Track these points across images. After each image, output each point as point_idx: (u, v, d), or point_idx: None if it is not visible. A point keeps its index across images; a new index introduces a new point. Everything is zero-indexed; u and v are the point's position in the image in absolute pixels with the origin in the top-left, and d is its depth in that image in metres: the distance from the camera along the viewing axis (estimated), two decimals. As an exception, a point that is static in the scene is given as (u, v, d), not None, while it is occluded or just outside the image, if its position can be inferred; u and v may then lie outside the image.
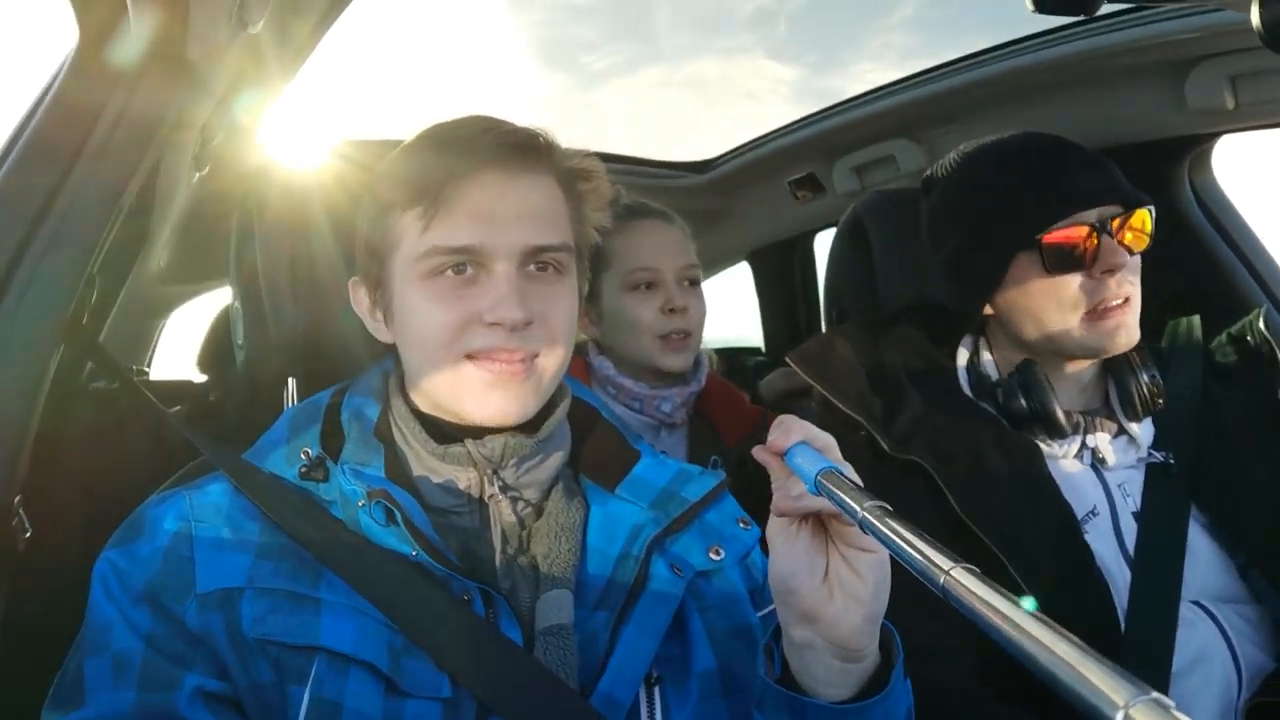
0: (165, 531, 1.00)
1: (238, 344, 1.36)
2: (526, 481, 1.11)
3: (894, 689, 0.88)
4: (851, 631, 0.83)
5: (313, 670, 0.93)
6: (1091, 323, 1.41)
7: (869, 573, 0.82)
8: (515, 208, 1.05)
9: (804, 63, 58.75)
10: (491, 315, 1.02)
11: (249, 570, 0.98)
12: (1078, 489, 1.45)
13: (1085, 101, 1.90)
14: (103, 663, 0.92)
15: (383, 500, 1.00)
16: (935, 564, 0.59)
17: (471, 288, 1.04)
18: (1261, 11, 0.76)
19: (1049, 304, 1.42)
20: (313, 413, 1.14)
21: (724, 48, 50.18)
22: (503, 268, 1.04)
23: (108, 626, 0.94)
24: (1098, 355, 1.46)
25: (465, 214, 1.03)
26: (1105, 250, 1.39)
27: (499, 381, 1.04)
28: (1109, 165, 1.45)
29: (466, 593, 1.00)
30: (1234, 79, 1.68)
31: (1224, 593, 1.42)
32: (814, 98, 12.72)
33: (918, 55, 21.42)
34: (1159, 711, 0.41)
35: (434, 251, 1.03)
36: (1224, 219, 1.94)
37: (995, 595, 0.54)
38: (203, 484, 1.08)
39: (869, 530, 0.66)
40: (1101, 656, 0.46)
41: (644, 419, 1.95)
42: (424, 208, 1.03)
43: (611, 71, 56.82)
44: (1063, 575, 1.35)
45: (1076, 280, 1.40)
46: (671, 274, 1.93)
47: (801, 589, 0.82)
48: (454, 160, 1.05)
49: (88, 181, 1.04)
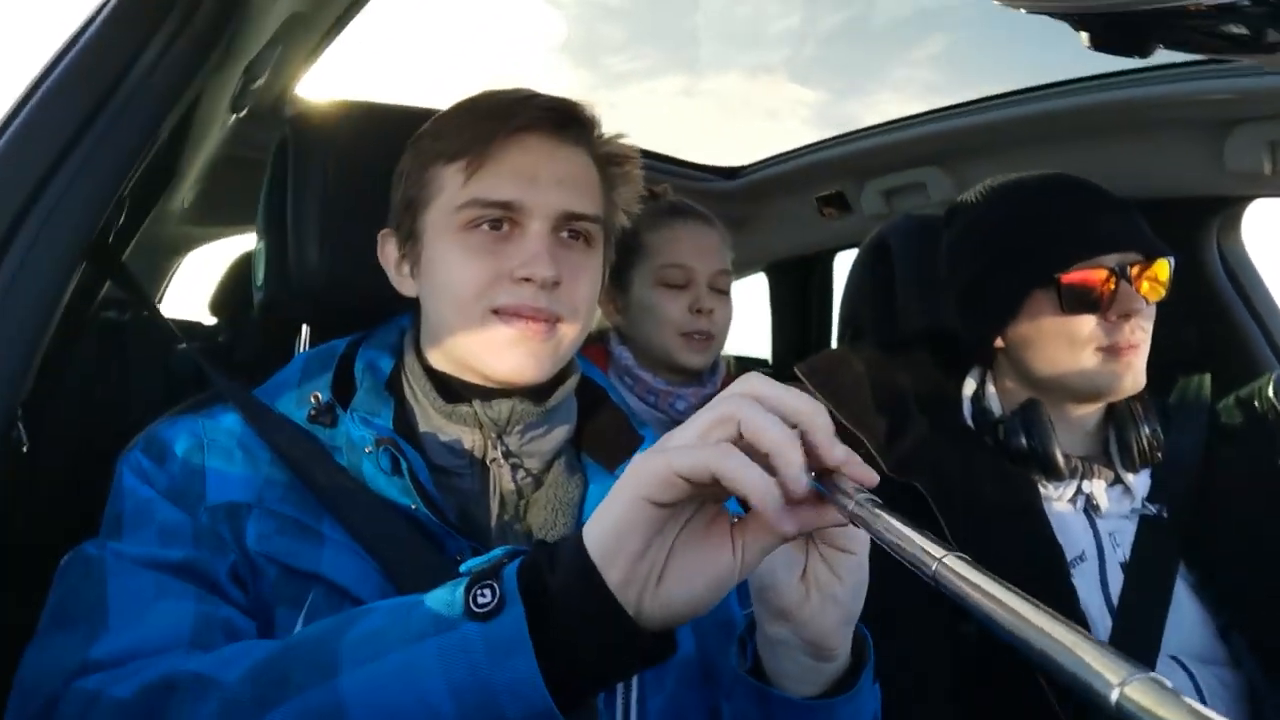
0: (179, 445, 1.02)
1: (256, 285, 1.36)
2: (530, 450, 1.12)
3: (862, 690, 0.88)
4: (826, 631, 0.82)
5: (308, 599, 0.94)
6: (1101, 363, 1.42)
7: (847, 574, 0.80)
8: (556, 172, 1.08)
9: (827, 87, 57.62)
10: (523, 270, 1.04)
11: (259, 489, 1.00)
12: (1068, 533, 1.45)
13: (1121, 151, 1.89)
14: (146, 534, 0.95)
15: (390, 449, 1.02)
16: (927, 551, 0.58)
17: (505, 244, 1.07)
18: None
19: (1060, 342, 1.43)
20: (327, 359, 1.15)
21: (749, 64, 49.56)
22: (538, 227, 1.06)
23: (149, 503, 0.97)
24: (1102, 397, 1.46)
25: (508, 171, 1.06)
26: (1122, 295, 1.39)
27: (521, 338, 1.06)
28: (1134, 212, 1.46)
29: (460, 553, 1.01)
30: (1274, 144, 1.68)
31: (1204, 653, 1.42)
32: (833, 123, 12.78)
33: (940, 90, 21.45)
34: (1154, 688, 0.41)
35: (474, 203, 1.06)
36: (1246, 283, 1.94)
37: (988, 580, 0.53)
38: (214, 411, 1.09)
39: (860, 523, 0.65)
40: (1097, 639, 0.46)
41: (657, 414, 1.96)
42: (467, 161, 1.06)
43: (634, 75, 55.42)
44: (1045, 614, 1.35)
45: (1090, 321, 1.41)
46: (704, 276, 1.95)
47: (778, 585, 0.81)
48: (501, 119, 1.07)
49: (125, 110, 1.05)
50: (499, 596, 0.69)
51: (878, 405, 1.55)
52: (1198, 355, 1.52)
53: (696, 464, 0.66)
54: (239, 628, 0.93)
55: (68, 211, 1.01)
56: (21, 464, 1.26)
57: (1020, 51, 2.60)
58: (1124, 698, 0.42)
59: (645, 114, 7.06)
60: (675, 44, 6.53)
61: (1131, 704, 0.41)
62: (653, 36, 4.98)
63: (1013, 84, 2.05)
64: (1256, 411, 1.59)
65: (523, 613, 0.68)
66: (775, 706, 0.87)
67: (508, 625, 0.68)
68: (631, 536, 0.68)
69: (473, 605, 0.70)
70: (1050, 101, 1.94)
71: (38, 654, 0.89)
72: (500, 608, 0.69)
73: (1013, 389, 1.54)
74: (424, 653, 0.70)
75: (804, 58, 6.28)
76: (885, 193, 2.49)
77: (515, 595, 0.69)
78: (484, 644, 0.68)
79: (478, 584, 0.71)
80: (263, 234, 1.35)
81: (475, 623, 0.69)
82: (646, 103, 6.87)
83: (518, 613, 0.68)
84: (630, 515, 0.68)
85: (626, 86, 8.98)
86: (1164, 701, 0.41)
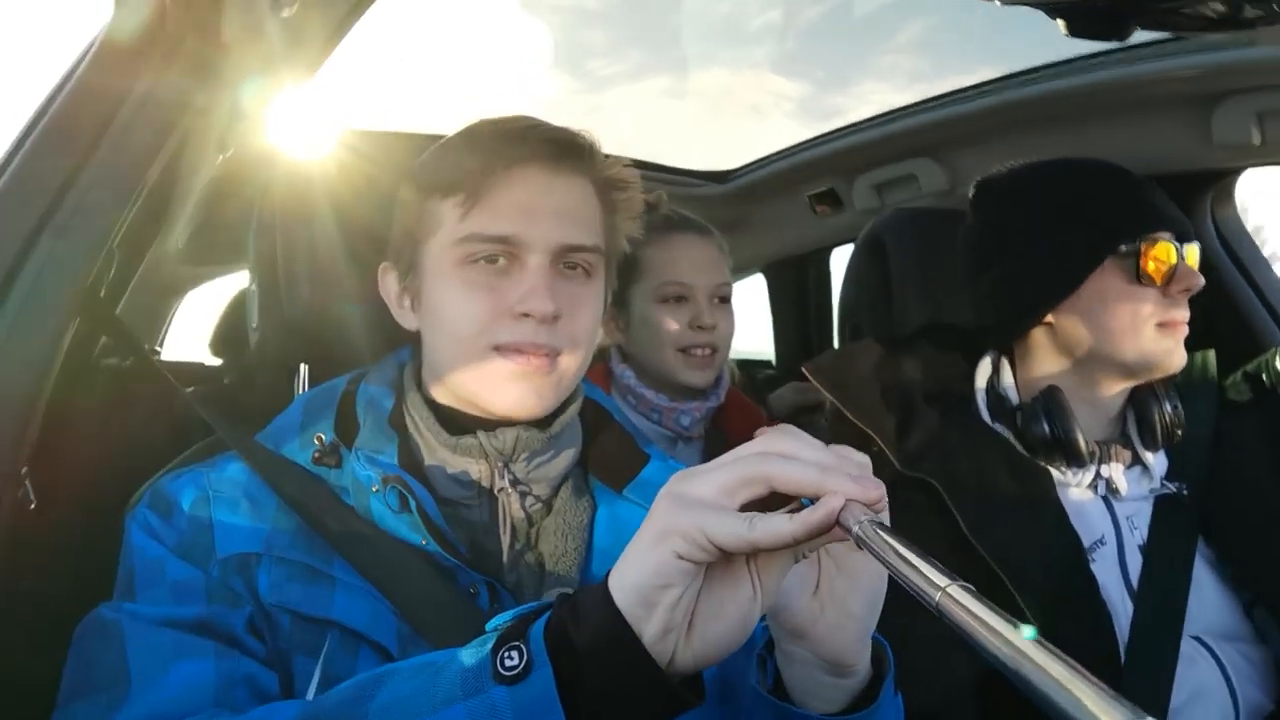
0: (185, 499, 1.02)
1: (252, 326, 1.36)
2: (537, 477, 1.11)
3: (884, 703, 0.86)
4: (842, 647, 0.81)
5: (325, 645, 0.94)
6: (1158, 338, 1.42)
7: (860, 589, 0.80)
8: (554, 205, 1.07)
9: (810, 79, 57.56)
10: (521, 306, 1.04)
11: (266, 538, 1.00)
12: (1086, 518, 1.44)
13: (1110, 130, 1.89)
14: (159, 594, 0.95)
15: (397, 486, 1.01)
16: (931, 580, 0.57)
17: (504, 279, 1.06)
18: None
19: (1124, 314, 1.42)
20: (328, 399, 1.15)
21: (731, 60, 49.89)
22: (536, 261, 1.05)
23: (159, 562, 0.97)
24: (1154, 372, 1.45)
25: (506, 205, 1.05)
26: (1184, 270, 1.40)
27: (523, 374, 1.05)
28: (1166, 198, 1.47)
29: (473, 586, 1.01)
30: (1261, 115, 1.67)
31: (1228, 630, 1.41)
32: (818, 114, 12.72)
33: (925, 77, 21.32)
34: None
35: (472, 238, 1.05)
36: (1244, 255, 1.94)
37: (991, 614, 0.53)
38: (219, 462, 1.09)
39: (865, 545, 0.64)
40: (1097, 680, 0.45)
41: (661, 431, 1.95)
42: (465, 195, 1.05)
43: (618, 78, 55.76)
44: (1065, 604, 1.34)
45: (1154, 294, 1.41)
46: (704, 291, 1.94)
47: (791, 605, 0.80)
48: (498, 152, 1.06)
49: (112, 159, 1.05)
50: (526, 659, 0.69)
51: (886, 401, 1.54)
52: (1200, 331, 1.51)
53: (737, 539, 0.66)
54: (261, 681, 0.92)
55: (59, 267, 1.01)
56: (30, 523, 1.26)
57: (1003, 33, 2.59)
58: None
59: (631, 116, 7.10)
60: (657, 44, 6.55)
61: None
62: (635, 38, 5.00)
63: (997, 67, 2.05)
64: (1264, 385, 1.58)
65: (551, 675, 0.67)
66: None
67: (537, 688, 0.67)
68: (667, 590, 0.67)
69: (500, 669, 0.69)
70: (1036, 86, 1.93)
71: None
72: (528, 670, 0.68)
73: (1038, 374, 1.53)
74: (453, 718, 0.69)
75: (786, 51, 6.26)
76: (876, 187, 2.48)
77: (544, 657, 0.68)
78: (513, 708, 0.68)
79: (504, 645, 0.70)
80: (254, 274, 1.35)
81: (503, 686, 0.68)
82: (632, 105, 6.86)
83: (546, 675, 0.67)
84: (664, 569, 0.67)
85: (611, 89, 8.97)
86: None
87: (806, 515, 0.65)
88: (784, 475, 0.67)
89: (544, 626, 0.71)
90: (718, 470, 0.69)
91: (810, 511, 0.66)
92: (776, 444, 0.70)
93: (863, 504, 0.66)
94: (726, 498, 0.68)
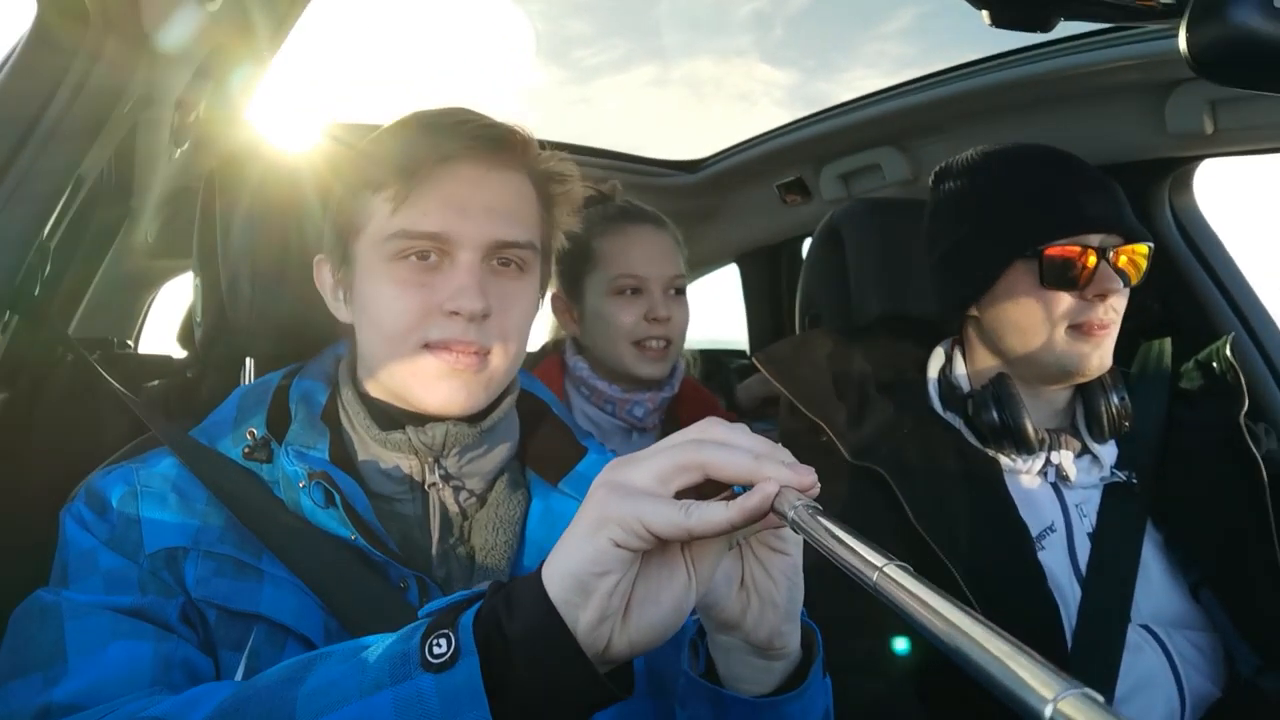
0: (114, 495, 1.02)
1: (196, 321, 1.36)
2: (470, 471, 1.11)
3: (812, 683, 0.88)
4: (771, 633, 0.82)
5: (250, 639, 0.94)
6: (1071, 341, 1.41)
7: (782, 576, 0.81)
8: (486, 200, 1.06)
9: (799, 67, 57.84)
10: (451, 304, 1.03)
11: (195, 533, 1.00)
12: (1036, 505, 1.45)
13: (1068, 118, 1.89)
14: (92, 583, 0.95)
15: (322, 481, 1.01)
16: (868, 561, 0.57)
17: (434, 275, 1.05)
18: (1189, 37, 0.76)
19: (1035, 316, 1.42)
20: (261, 394, 1.15)
21: (719, 49, 49.96)
22: (466, 258, 1.05)
23: (92, 552, 0.97)
24: (1069, 376, 1.45)
25: (436, 201, 1.04)
26: (1101, 274, 1.38)
27: (452, 371, 1.05)
28: (1117, 192, 1.45)
29: (403, 580, 1.01)
30: (1214, 104, 1.67)
31: (1175, 617, 1.42)
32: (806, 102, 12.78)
33: (913, 64, 21.37)
34: (1089, 705, 0.41)
35: (401, 235, 1.04)
36: (1202, 243, 1.94)
37: (928, 591, 0.53)
38: (150, 457, 1.09)
39: (800, 530, 0.65)
40: (1036, 654, 0.45)
41: (616, 422, 1.95)
42: (395, 190, 1.04)
43: (605, 68, 55.81)
44: (1012, 592, 1.35)
45: (1066, 298, 1.40)
46: (658, 283, 1.93)
47: (719, 600, 0.81)
48: (429, 147, 1.05)
49: (42, 153, 1.05)
50: (454, 647, 0.69)
51: (838, 391, 1.54)
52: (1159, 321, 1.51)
53: (674, 527, 0.66)
54: (198, 666, 0.92)
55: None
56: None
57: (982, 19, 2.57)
58: (1057, 712, 0.42)
59: (618, 106, 7.05)
60: (644, 34, 6.51)
61: (1064, 719, 0.41)
62: (621, 28, 4.97)
63: (987, 52, 2.04)
64: (1215, 372, 1.58)
65: (478, 665, 0.67)
66: (729, 707, 0.87)
67: (462, 677, 0.67)
68: (604, 579, 0.68)
69: (428, 656, 0.69)
70: (995, 74, 1.93)
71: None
72: (455, 659, 0.68)
73: (983, 365, 1.53)
74: (379, 704, 0.69)
75: (773, 39, 6.25)
76: (842, 176, 2.49)
77: (471, 647, 0.68)
78: (439, 697, 0.68)
79: (433, 633, 0.70)
80: (197, 270, 1.35)
81: (430, 674, 0.69)
82: (619, 95, 6.82)
83: (473, 664, 0.68)
84: (600, 557, 0.67)
85: (598, 79, 8.95)
86: (1097, 717, 0.40)
87: (742, 501, 0.66)
88: (719, 462, 0.68)
89: (474, 615, 0.71)
90: (653, 458, 0.70)
91: (746, 498, 0.66)
92: (710, 432, 0.71)
93: (796, 490, 0.67)
94: (661, 485, 0.68)
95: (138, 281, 2.92)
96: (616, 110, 26.03)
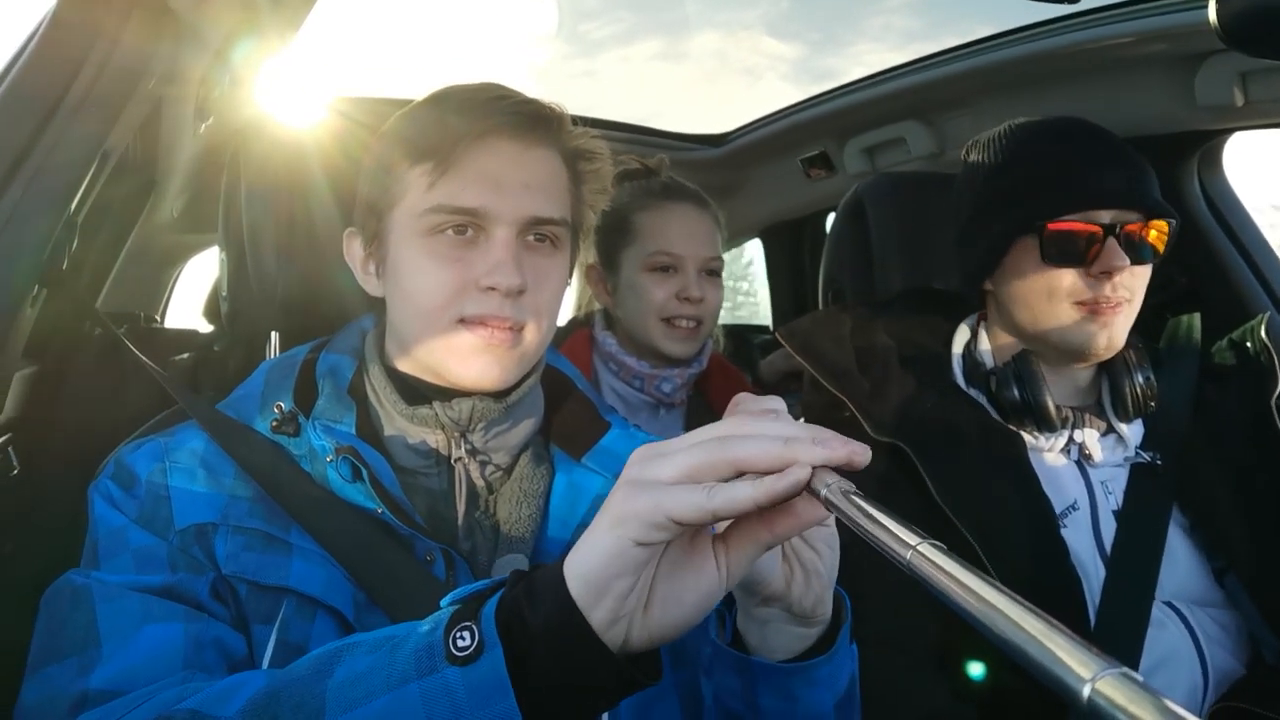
0: (142, 471, 1.03)
1: (222, 295, 1.37)
2: (495, 446, 1.12)
3: (840, 648, 0.89)
4: (815, 601, 0.84)
5: (280, 612, 0.95)
6: (1079, 320, 1.39)
7: (823, 545, 0.82)
8: (522, 177, 1.07)
9: (804, 40, 57.50)
10: (488, 280, 1.04)
11: (224, 508, 1.00)
12: (1059, 483, 1.44)
13: (1096, 91, 1.86)
14: (122, 562, 0.96)
15: (349, 456, 1.02)
16: (902, 540, 0.58)
17: (470, 250, 1.06)
18: (1218, 8, 0.74)
19: (1039, 293, 1.41)
20: (288, 368, 1.16)
21: (724, 22, 49.65)
22: (503, 233, 1.06)
23: (122, 530, 0.98)
24: (1079, 356, 1.44)
25: (473, 176, 1.05)
26: (1107, 252, 1.36)
27: (487, 346, 1.06)
28: (1140, 168, 1.42)
29: (430, 553, 1.02)
30: (1244, 75, 1.64)
31: (1199, 596, 1.41)
32: (812, 76, 12.57)
33: (920, 38, 20.89)
34: (1127, 684, 0.41)
35: (439, 209, 1.05)
36: (1231, 219, 1.91)
37: (962, 570, 0.53)
38: (178, 431, 1.10)
39: (833, 509, 0.65)
40: (1071, 632, 0.45)
41: (644, 397, 1.96)
42: (432, 165, 1.05)
43: (610, 41, 56.13)
44: (1035, 567, 1.35)
45: (1071, 275, 1.38)
46: (693, 262, 1.92)
47: (765, 576, 0.81)
48: (467, 122, 1.06)
49: (69, 130, 1.05)
50: (478, 640, 0.69)
51: (861, 365, 1.54)
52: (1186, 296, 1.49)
53: (697, 510, 0.65)
54: (229, 644, 0.94)
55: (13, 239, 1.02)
56: (9, 489, 1.28)
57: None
58: (1095, 693, 0.41)
59: (624, 79, 7.01)
60: (650, 6, 6.46)
61: (1103, 699, 0.41)
62: (624, 1, 4.86)
63: (991, 24, 2.02)
64: (1248, 352, 1.57)
65: (502, 656, 0.68)
66: (757, 673, 0.88)
67: (487, 669, 0.68)
68: (620, 579, 0.68)
69: (453, 649, 0.70)
70: (1021, 46, 1.91)
71: (35, 689, 0.89)
72: (479, 651, 0.69)
73: (1003, 341, 1.52)
74: (407, 696, 0.70)
75: (779, 12, 6.21)
76: (866, 150, 2.47)
77: (494, 639, 0.69)
78: (465, 688, 0.69)
79: (457, 625, 0.71)
80: (222, 245, 1.36)
81: (456, 667, 0.69)
82: (625, 69, 6.76)
83: (497, 656, 0.68)
84: (618, 558, 0.67)
85: (604, 52, 8.85)
86: (1136, 697, 0.40)
87: (771, 481, 0.65)
88: (749, 457, 0.66)
89: (496, 606, 0.71)
90: (680, 453, 0.68)
91: (776, 479, 0.65)
92: (738, 427, 0.70)
93: (832, 468, 0.66)
94: (687, 477, 0.67)
95: (163, 256, 2.94)
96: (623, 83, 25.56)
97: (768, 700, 0.89)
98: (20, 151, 1.02)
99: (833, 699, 0.91)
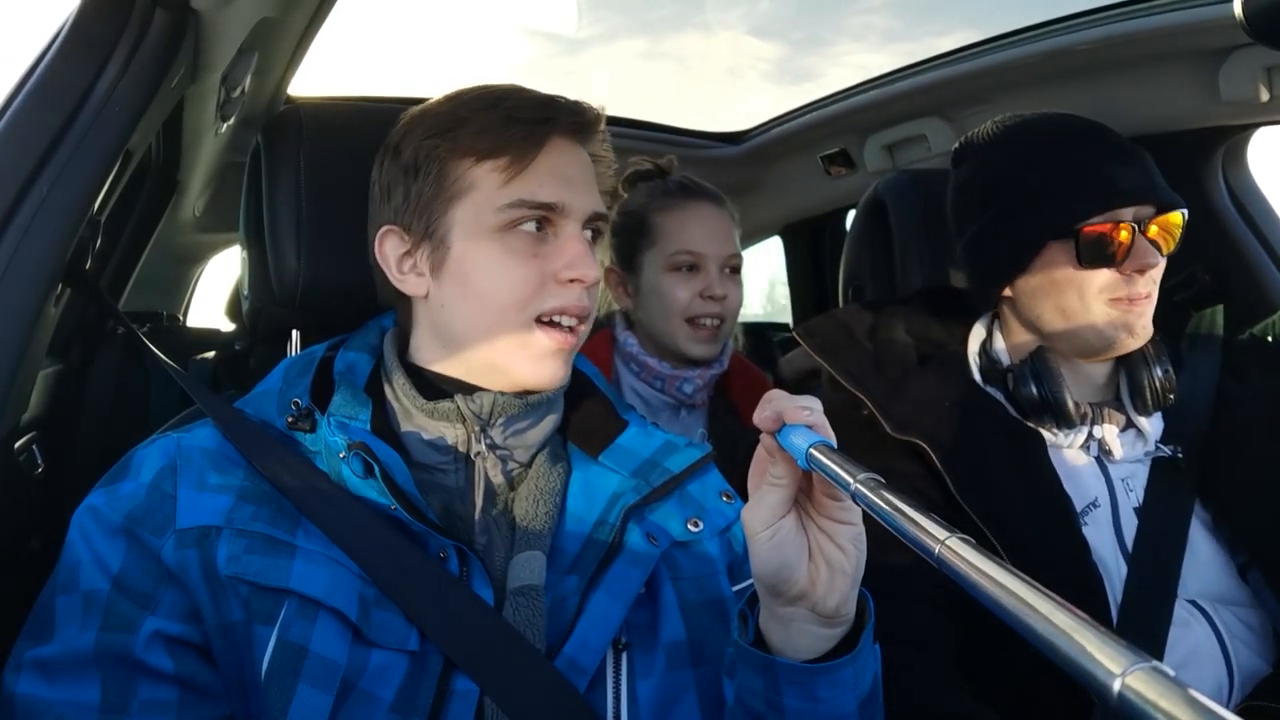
0: (151, 468, 1.02)
1: (244, 294, 1.38)
2: (514, 443, 1.13)
3: (863, 648, 0.90)
4: (841, 600, 0.86)
5: (281, 614, 0.95)
6: (1112, 316, 1.38)
7: (851, 544, 0.85)
8: (584, 175, 1.12)
9: (786, 40, 57.01)
10: (570, 272, 1.07)
11: (228, 511, 1.00)
12: (1079, 480, 1.43)
13: (1119, 87, 1.85)
14: (73, 602, 0.95)
15: (361, 452, 1.02)
16: (930, 534, 0.58)
17: (543, 246, 1.09)
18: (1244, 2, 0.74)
19: (1072, 294, 1.39)
20: (306, 365, 1.16)
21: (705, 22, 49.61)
22: (572, 228, 1.09)
23: (78, 566, 0.96)
24: (1111, 350, 1.42)
25: (548, 173, 1.08)
26: (1139, 249, 1.35)
27: (560, 350, 1.09)
28: (1147, 160, 1.41)
29: (443, 550, 1.02)
30: (1270, 70, 1.63)
31: (1223, 594, 1.40)
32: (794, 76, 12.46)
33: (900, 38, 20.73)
34: (1158, 679, 0.40)
35: (519, 204, 1.07)
36: (1256, 214, 1.89)
37: (991, 564, 0.53)
38: (193, 427, 1.10)
39: (861, 502, 0.66)
40: (1100, 626, 0.45)
41: (665, 398, 1.96)
42: (508, 161, 1.07)
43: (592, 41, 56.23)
44: (1056, 565, 1.34)
45: (1105, 274, 1.37)
46: (715, 261, 1.92)
47: (793, 574, 0.84)
48: (540, 121, 1.08)
49: (92, 127, 1.06)
50: None
51: (879, 364, 1.53)
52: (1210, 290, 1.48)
53: None
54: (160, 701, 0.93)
55: (36, 238, 1.02)
56: (35, 487, 1.29)
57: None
58: (1126, 688, 0.41)
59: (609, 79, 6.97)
60: (632, 7, 6.42)
61: (1133, 694, 0.40)
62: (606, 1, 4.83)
63: (978, 27, 2.01)
64: (1270, 346, 1.55)
65: None
66: (781, 674, 0.89)
67: None
68: None
69: None
70: (1043, 42, 1.89)
71: None
72: None
73: (1020, 340, 1.51)
74: None
75: (760, 12, 6.20)
76: (887, 147, 2.46)
77: None
78: None
79: None
80: (244, 243, 1.36)
81: None
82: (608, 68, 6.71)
83: None
84: None
85: (587, 52, 8.77)
86: (1167, 692, 0.40)
87: None
88: None
89: None
90: None
91: None
92: None
93: None
94: None
95: (186, 255, 2.97)
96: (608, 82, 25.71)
97: (791, 700, 0.90)
98: (44, 151, 1.03)
99: (856, 700, 0.91)
